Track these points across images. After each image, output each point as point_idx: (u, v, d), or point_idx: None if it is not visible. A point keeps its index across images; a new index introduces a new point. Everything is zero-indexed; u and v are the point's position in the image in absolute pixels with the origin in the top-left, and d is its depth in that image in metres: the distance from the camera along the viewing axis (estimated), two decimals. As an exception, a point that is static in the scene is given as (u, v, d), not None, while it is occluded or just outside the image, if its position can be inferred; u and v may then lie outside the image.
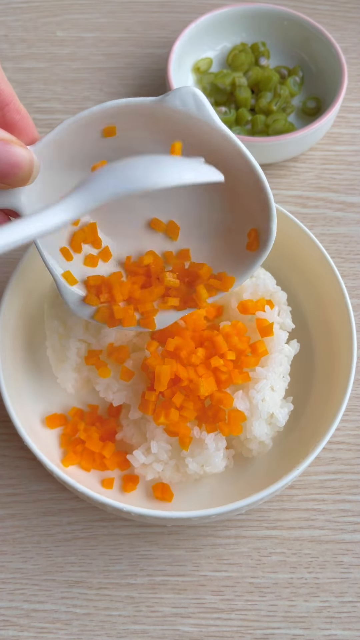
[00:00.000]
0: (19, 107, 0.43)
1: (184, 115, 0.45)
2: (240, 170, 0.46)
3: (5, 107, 0.42)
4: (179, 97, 0.45)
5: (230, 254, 0.50)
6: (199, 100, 0.45)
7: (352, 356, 0.52)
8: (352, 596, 0.53)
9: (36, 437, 0.52)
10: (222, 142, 0.46)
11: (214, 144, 0.46)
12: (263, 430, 0.51)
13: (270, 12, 0.73)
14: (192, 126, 0.46)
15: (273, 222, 0.47)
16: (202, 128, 0.45)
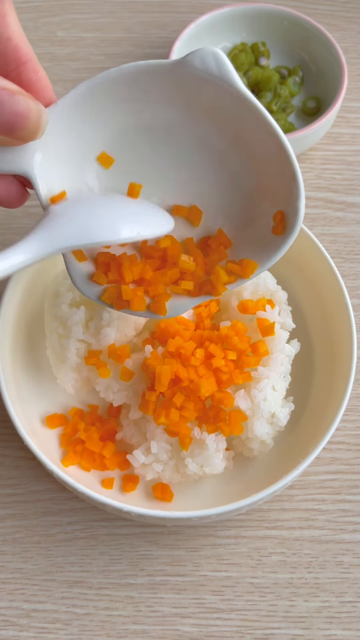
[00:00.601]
0: (37, 67, 0.41)
1: (203, 75, 0.42)
2: (262, 141, 0.44)
3: (22, 65, 0.40)
4: (199, 57, 0.42)
5: (254, 239, 0.47)
6: (220, 59, 0.42)
7: (352, 356, 0.52)
8: (352, 596, 0.53)
9: (36, 437, 0.52)
10: (243, 108, 0.43)
11: (235, 110, 0.44)
12: (264, 429, 0.51)
13: (270, 12, 0.73)
14: (211, 88, 0.43)
15: (301, 201, 0.43)
16: (223, 91, 0.43)
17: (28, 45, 0.40)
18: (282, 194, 0.45)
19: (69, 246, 0.41)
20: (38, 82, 0.41)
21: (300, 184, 0.43)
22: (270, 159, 0.44)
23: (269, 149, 0.43)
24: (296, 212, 0.44)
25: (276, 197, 0.45)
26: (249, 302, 0.53)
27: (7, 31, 0.39)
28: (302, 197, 0.43)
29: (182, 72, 0.43)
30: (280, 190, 0.45)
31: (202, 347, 0.50)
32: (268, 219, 0.46)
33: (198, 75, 0.43)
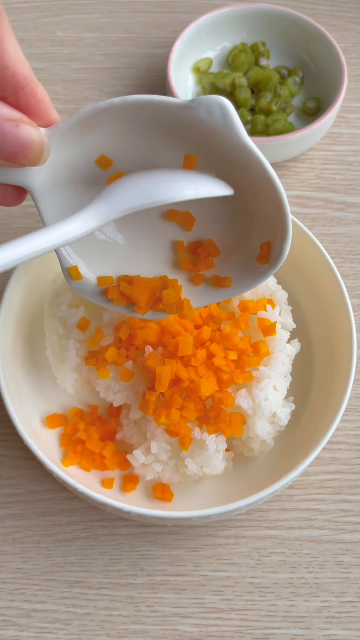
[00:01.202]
0: (35, 90, 0.40)
1: (208, 125, 0.43)
2: (261, 185, 0.45)
3: (20, 91, 0.40)
4: (206, 106, 0.42)
5: (239, 261, 0.49)
6: (227, 112, 0.42)
7: (352, 356, 0.52)
8: (352, 596, 0.53)
9: (36, 437, 0.52)
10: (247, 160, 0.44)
11: (238, 160, 0.44)
12: (265, 429, 0.51)
13: (270, 12, 0.73)
14: (215, 137, 0.44)
15: (287, 242, 0.46)
16: (227, 141, 0.43)
17: (26, 67, 0.40)
18: (272, 230, 0.47)
19: (130, 207, 0.41)
20: (37, 105, 0.41)
21: (289, 230, 0.45)
22: (266, 200, 0.45)
23: (266, 192, 0.45)
24: (281, 251, 0.46)
25: (267, 230, 0.47)
26: (250, 302, 0.53)
27: (3, 58, 0.38)
28: (289, 240, 0.46)
29: (185, 114, 0.43)
30: (271, 226, 0.47)
31: (203, 347, 0.50)
32: (255, 246, 0.48)
33: (201, 122, 0.43)
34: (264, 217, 0.47)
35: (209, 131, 0.43)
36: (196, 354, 0.50)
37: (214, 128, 0.43)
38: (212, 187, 0.44)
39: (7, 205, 0.45)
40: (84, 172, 0.46)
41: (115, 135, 0.45)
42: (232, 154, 0.44)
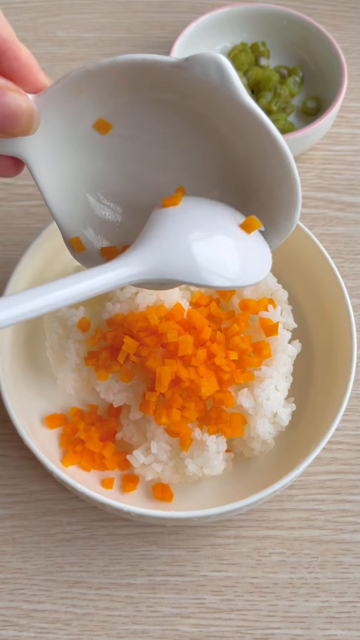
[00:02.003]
0: (18, 53, 0.38)
1: (204, 86, 0.40)
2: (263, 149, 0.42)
3: (1, 54, 0.37)
4: (200, 64, 0.39)
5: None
6: (223, 70, 0.39)
7: (352, 356, 0.52)
8: (352, 596, 0.53)
9: (36, 437, 0.52)
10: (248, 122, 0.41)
11: (239, 123, 0.42)
12: (266, 429, 0.51)
13: (270, 12, 0.73)
14: (213, 97, 0.40)
15: (297, 210, 0.43)
16: (226, 101, 0.40)
17: (6, 30, 0.37)
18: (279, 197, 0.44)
19: (172, 280, 0.40)
20: (21, 69, 0.39)
21: (299, 193, 0.43)
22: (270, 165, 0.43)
23: (270, 156, 0.42)
24: (292, 218, 0.44)
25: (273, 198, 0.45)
26: (251, 301, 0.53)
27: None
28: (298, 206, 0.43)
29: (180, 76, 0.40)
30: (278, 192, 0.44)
31: (204, 347, 0.50)
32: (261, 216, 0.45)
33: (198, 83, 0.40)
34: (269, 183, 0.44)
35: (206, 93, 0.40)
36: (196, 354, 0.50)
37: (211, 89, 0.40)
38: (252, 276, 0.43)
39: (5, 176, 0.43)
40: (80, 138, 0.44)
41: (111, 99, 0.43)
42: (232, 117, 0.41)
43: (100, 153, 0.45)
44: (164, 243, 0.40)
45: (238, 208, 0.46)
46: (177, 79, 0.41)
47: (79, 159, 0.45)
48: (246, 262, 0.43)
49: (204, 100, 0.42)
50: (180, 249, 0.40)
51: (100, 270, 0.38)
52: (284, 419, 0.51)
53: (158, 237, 0.41)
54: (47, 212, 0.67)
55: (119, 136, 0.45)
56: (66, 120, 0.43)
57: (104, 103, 0.43)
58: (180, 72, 0.40)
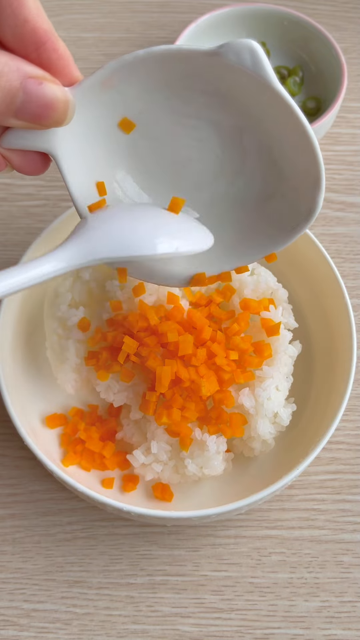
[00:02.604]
0: (57, 44, 0.39)
1: (237, 71, 0.40)
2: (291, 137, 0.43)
3: (41, 46, 0.38)
4: (234, 51, 0.40)
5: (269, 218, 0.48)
6: (256, 55, 0.40)
7: (352, 356, 0.52)
8: (352, 596, 0.53)
9: (36, 437, 0.52)
10: (277, 108, 0.42)
11: (268, 108, 0.42)
12: (267, 429, 0.51)
13: (270, 12, 0.73)
14: (245, 84, 0.42)
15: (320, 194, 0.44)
16: (255, 86, 0.41)
17: (46, 22, 0.38)
18: (303, 181, 0.45)
19: (104, 258, 0.41)
20: (59, 61, 0.39)
21: (322, 179, 0.44)
22: (296, 151, 0.44)
23: (297, 142, 0.43)
24: (315, 202, 0.45)
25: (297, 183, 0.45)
26: (252, 301, 0.53)
27: (23, 12, 0.37)
28: (322, 192, 0.44)
29: (214, 63, 0.41)
30: (302, 177, 0.45)
31: (204, 347, 0.50)
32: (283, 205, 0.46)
33: (232, 67, 0.41)
34: (294, 169, 0.45)
35: (238, 79, 0.41)
36: (197, 354, 0.50)
37: (242, 74, 0.41)
38: (193, 242, 0.44)
39: (32, 174, 0.43)
40: (105, 135, 0.45)
41: (139, 95, 0.44)
42: (262, 103, 0.42)
43: (124, 151, 0.46)
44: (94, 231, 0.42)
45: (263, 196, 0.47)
46: (209, 68, 0.42)
47: (105, 155, 0.45)
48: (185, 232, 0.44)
49: (234, 87, 0.42)
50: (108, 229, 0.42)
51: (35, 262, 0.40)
52: (284, 419, 0.52)
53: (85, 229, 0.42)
54: (47, 212, 0.67)
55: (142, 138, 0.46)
56: (96, 116, 0.43)
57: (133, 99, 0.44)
58: (214, 60, 0.41)
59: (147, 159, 0.47)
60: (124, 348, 0.50)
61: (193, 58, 0.41)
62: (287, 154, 0.45)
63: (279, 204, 0.47)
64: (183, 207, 0.47)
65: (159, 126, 0.46)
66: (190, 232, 0.45)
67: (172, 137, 0.46)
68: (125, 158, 0.47)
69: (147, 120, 0.45)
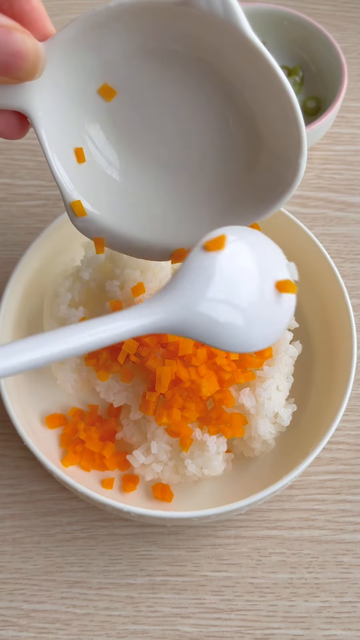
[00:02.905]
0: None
1: (209, 19, 0.39)
2: (265, 89, 0.41)
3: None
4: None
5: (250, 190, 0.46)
6: (227, 2, 0.38)
7: (351, 356, 0.52)
8: (352, 596, 0.52)
9: (36, 437, 0.52)
10: (253, 63, 0.40)
11: (241, 57, 0.41)
12: (267, 429, 0.51)
13: (270, 12, 0.72)
14: (216, 33, 0.40)
15: (302, 155, 0.41)
16: (228, 36, 0.39)
17: None
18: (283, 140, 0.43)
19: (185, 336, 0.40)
20: (31, 12, 0.38)
21: (304, 136, 0.41)
22: (272, 110, 0.42)
23: (273, 100, 0.41)
24: (297, 164, 0.42)
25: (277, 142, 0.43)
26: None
27: None
28: (304, 151, 0.42)
29: (185, 12, 0.39)
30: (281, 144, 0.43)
31: (204, 347, 0.50)
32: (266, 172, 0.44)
33: (202, 17, 0.39)
34: (275, 131, 0.43)
35: (211, 31, 0.40)
36: (197, 354, 0.50)
37: (215, 25, 0.39)
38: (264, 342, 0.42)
39: (10, 138, 0.42)
40: (82, 96, 0.44)
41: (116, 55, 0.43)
42: (239, 58, 0.41)
43: (103, 116, 0.45)
44: (188, 301, 0.39)
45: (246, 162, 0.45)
46: (181, 20, 0.40)
47: (82, 118, 0.44)
48: (263, 328, 0.42)
49: (207, 41, 0.41)
50: (200, 312, 0.39)
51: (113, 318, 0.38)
52: (285, 419, 0.51)
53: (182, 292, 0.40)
54: (47, 212, 0.67)
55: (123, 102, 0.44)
56: (71, 74, 0.42)
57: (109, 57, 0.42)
58: (184, 9, 0.39)
59: (128, 125, 0.46)
60: (124, 348, 0.50)
61: (165, 10, 0.40)
62: (267, 114, 0.43)
63: (262, 170, 0.45)
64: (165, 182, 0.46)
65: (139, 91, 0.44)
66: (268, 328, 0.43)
67: (152, 102, 0.45)
68: (104, 121, 0.45)
69: (126, 85, 0.44)
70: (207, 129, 0.45)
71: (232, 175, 0.46)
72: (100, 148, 0.46)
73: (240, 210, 0.46)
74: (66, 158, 0.45)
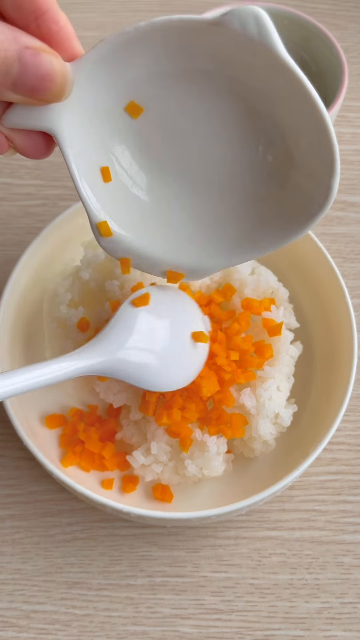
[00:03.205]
0: (57, 15, 0.37)
1: (242, 40, 0.38)
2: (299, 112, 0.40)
3: (40, 16, 0.36)
4: (239, 19, 0.38)
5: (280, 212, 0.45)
6: (262, 23, 0.38)
7: (352, 356, 0.52)
8: (352, 597, 0.52)
9: (35, 437, 0.52)
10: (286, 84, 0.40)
11: (273, 78, 0.40)
12: (268, 429, 0.51)
13: (270, 12, 0.72)
14: (248, 53, 0.39)
15: (335, 177, 0.41)
16: (261, 57, 0.39)
17: None
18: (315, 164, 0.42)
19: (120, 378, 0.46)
20: (59, 32, 0.37)
21: (337, 157, 0.40)
22: (305, 132, 0.41)
23: (305, 120, 0.41)
24: (330, 186, 0.41)
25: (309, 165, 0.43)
26: (254, 301, 0.53)
27: None
28: (337, 170, 0.41)
29: (217, 32, 0.39)
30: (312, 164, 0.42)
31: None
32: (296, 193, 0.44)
33: (235, 37, 0.39)
34: (306, 152, 0.42)
35: (244, 51, 0.39)
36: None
37: (249, 45, 0.39)
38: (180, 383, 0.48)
39: (35, 157, 0.41)
40: (109, 116, 0.43)
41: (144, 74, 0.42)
42: (271, 79, 0.41)
43: (129, 135, 0.44)
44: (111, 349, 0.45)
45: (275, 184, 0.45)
46: (212, 40, 0.40)
47: (107, 137, 0.44)
48: (178, 369, 0.48)
49: (238, 60, 0.40)
50: (120, 358, 0.45)
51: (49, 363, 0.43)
52: (285, 419, 0.51)
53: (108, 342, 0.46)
54: (47, 212, 0.67)
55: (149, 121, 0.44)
56: (97, 94, 0.42)
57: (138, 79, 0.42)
58: (217, 29, 0.39)
59: (155, 144, 0.45)
60: None
61: (196, 30, 0.39)
62: (299, 136, 0.42)
63: (292, 192, 0.44)
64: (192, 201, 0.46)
65: (166, 110, 0.44)
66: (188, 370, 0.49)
67: (178, 121, 0.44)
68: (130, 140, 0.45)
69: (153, 104, 0.44)
70: (234, 148, 0.45)
71: (260, 195, 0.46)
72: (127, 167, 0.46)
73: (268, 231, 0.45)
74: (92, 177, 0.44)
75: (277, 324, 0.52)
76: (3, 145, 0.40)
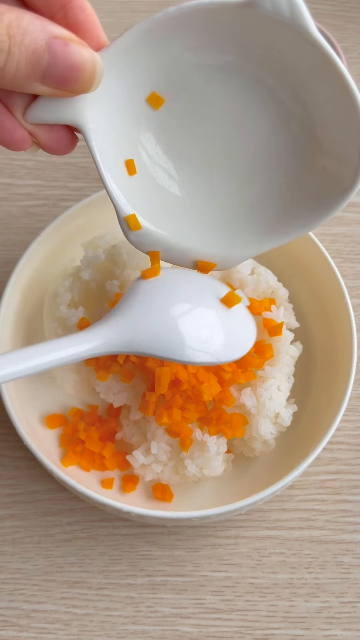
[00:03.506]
0: (84, 3, 0.36)
1: (274, 21, 0.38)
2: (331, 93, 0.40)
3: (67, 4, 0.35)
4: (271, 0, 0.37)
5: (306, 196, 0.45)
6: (294, 3, 0.37)
7: (352, 356, 0.52)
8: (352, 596, 0.52)
9: (36, 437, 0.52)
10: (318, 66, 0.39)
11: (302, 58, 0.40)
12: (268, 429, 0.51)
13: (270, 12, 0.72)
14: (279, 34, 0.39)
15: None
16: (292, 37, 0.39)
17: None
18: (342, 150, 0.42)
19: (143, 353, 0.43)
20: (85, 20, 0.36)
21: None
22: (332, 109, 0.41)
23: (334, 100, 0.40)
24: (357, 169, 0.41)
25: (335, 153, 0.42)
26: (254, 301, 0.53)
27: None
28: None
29: (248, 14, 0.38)
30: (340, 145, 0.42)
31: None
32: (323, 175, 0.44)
33: (267, 18, 0.38)
34: (335, 136, 0.42)
35: (275, 33, 0.39)
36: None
37: (280, 27, 0.38)
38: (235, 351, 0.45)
39: (59, 153, 0.41)
40: (137, 109, 0.43)
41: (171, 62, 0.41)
42: (302, 60, 0.40)
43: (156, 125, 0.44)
44: (137, 318, 0.43)
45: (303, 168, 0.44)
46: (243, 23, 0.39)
47: (133, 129, 0.43)
48: (229, 336, 0.45)
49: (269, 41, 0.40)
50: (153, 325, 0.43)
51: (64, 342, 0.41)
52: (285, 419, 0.51)
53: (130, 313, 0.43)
54: (47, 212, 0.67)
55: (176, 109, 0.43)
56: (124, 84, 0.41)
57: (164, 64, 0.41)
58: (247, 11, 0.38)
59: (179, 133, 0.45)
60: None
61: (226, 13, 0.39)
62: (326, 115, 0.42)
63: (319, 175, 0.44)
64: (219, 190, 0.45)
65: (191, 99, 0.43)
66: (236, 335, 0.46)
67: (205, 107, 0.44)
68: (156, 131, 0.44)
69: (180, 91, 0.43)
70: (260, 131, 0.44)
71: (287, 180, 0.45)
72: (153, 159, 0.45)
73: (297, 215, 0.45)
74: (117, 171, 0.43)
75: (278, 324, 0.52)
76: (26, 141, 0.39)
